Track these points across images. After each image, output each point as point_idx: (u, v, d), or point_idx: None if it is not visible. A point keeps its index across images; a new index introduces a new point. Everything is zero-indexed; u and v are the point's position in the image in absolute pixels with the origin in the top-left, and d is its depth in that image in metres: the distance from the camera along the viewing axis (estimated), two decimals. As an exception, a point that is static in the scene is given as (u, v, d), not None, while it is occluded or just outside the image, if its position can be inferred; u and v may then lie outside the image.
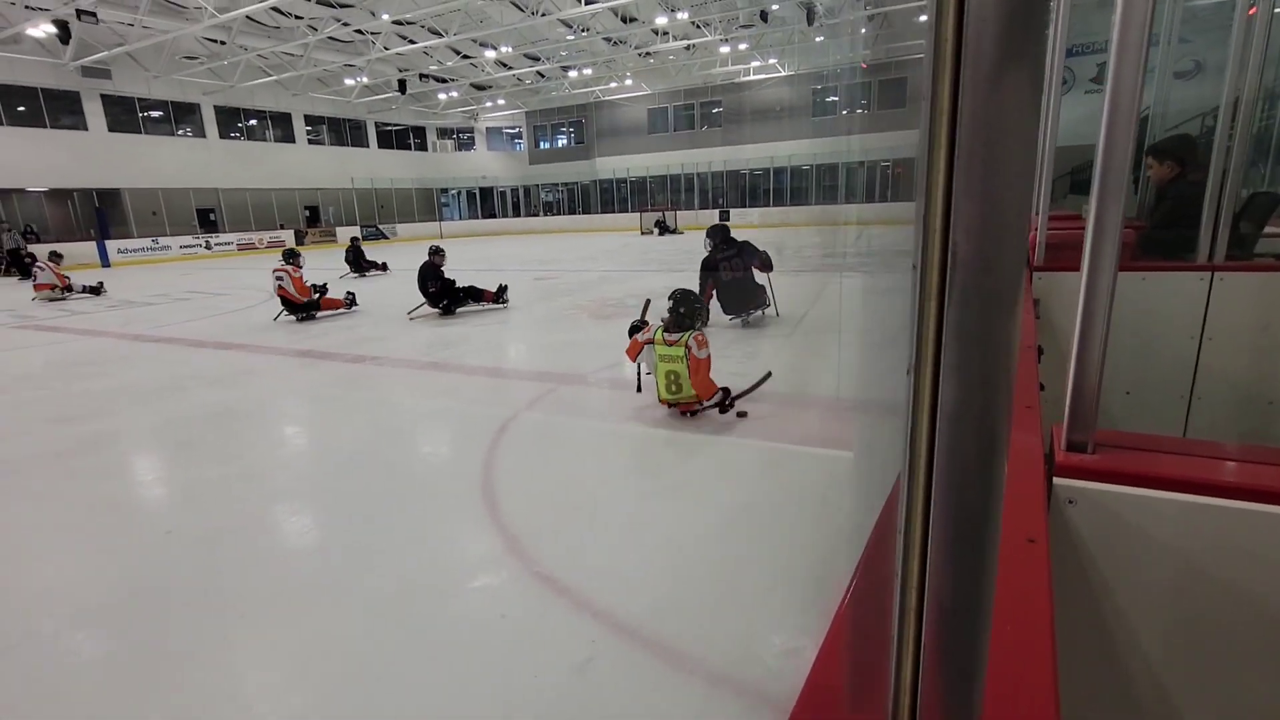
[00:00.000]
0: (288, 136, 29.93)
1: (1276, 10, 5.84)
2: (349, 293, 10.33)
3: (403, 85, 27.08)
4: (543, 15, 20.14)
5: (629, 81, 31.70)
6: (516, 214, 37.57)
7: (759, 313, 7.51)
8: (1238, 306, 2.96)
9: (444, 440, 4.59)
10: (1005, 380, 0.43)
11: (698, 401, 4.49)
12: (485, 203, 38.08)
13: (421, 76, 28.38)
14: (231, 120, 27.75)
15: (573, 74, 28.99)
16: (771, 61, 28.95)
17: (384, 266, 15.27)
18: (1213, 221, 3.10)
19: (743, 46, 26.09)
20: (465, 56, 25.82)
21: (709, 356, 4.44)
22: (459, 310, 9.57)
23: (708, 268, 7.54)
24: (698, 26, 23.61)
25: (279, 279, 9.19)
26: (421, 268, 9.30)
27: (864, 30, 25.45)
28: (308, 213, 30.82)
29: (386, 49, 22.92)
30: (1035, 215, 3.95)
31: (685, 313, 4.42)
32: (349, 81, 27.26)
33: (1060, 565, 1.02)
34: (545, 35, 24.36)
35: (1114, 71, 1.10)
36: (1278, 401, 2.93)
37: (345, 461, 4.17)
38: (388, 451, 4.32)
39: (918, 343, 0.44)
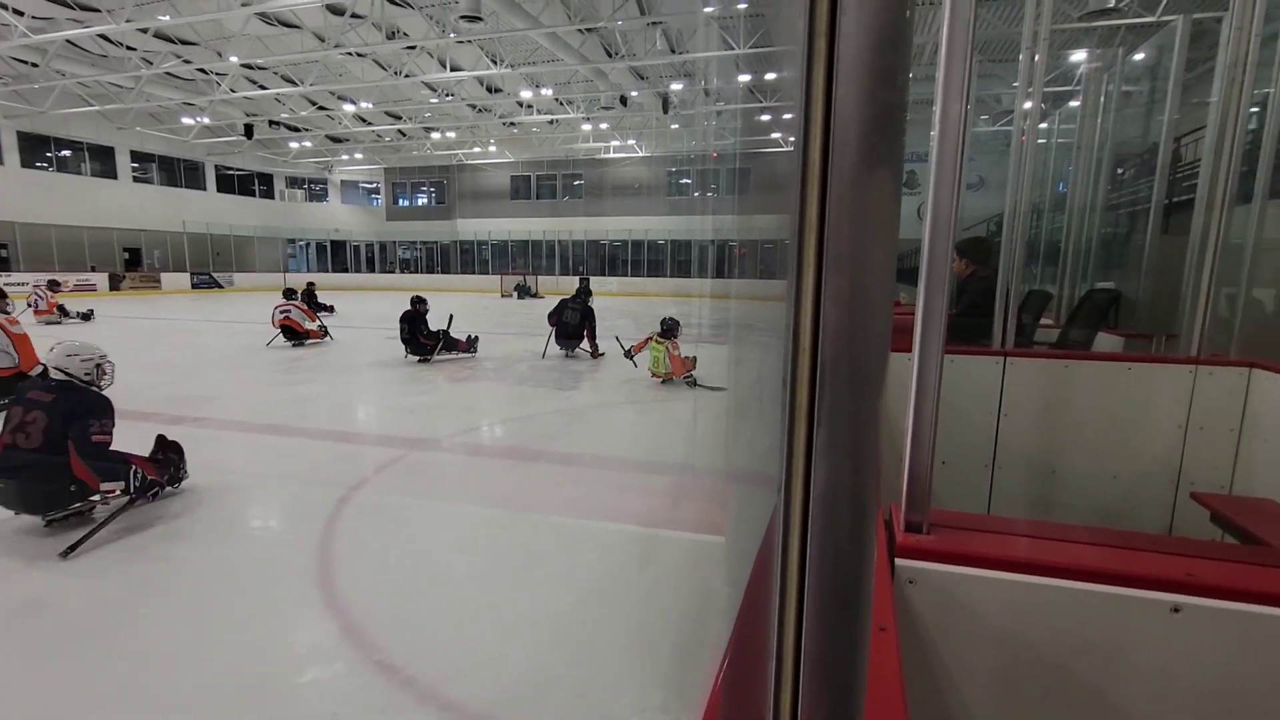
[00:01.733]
0: (109, 172, 26.91)
1: (1040, 141, 7.03)
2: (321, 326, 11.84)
3: (249, 130, 25.43)
4: (406, 76, 19.92)
5: (493, 148, 31.92)
6: (371, 269, 35.95)
7: (577, 350, 10.42)
8: (1025, 388, 3.37)
9: (275, 513, 4.11)
10: (873, 456, 0.44)
11: (672, 376, 7.99)
12: (337, 256, 36.16)
13: (272, 123, 26.85)
14: (39, 149, 24.55)
15: (435, 135, 28.72)
16: (631, 142, 30.44)
17: (331, 309, 17.25)
18: (1003, 314, 3.54)
19: (604, 126, 27.27)
20: (321, 108, 24.80)
21: (679, 353, 8.01)
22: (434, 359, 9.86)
23: (556, 310, 10.48)
24: (561, 103, 24.41)
25: (285, 313, 11.16)
26: (406, 315, 9.73)
27: (713, 123, 27.57)
28: (127, 255, 27.60)
29: (233, 91, 21.52)
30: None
31: (669, 328, 8.16)
32: (187, 120, 25.17)
33: (904, 645, 1.03)
34: (408, 95, 24.06)
35: (935, 180, 1.21)
36: (1060, 471, 3.34)
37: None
38: (205, 528, 3.78)
39: (790, 423, 0.45)
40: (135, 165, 27.99)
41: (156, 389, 7.55)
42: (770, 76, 19.12)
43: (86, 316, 14.69)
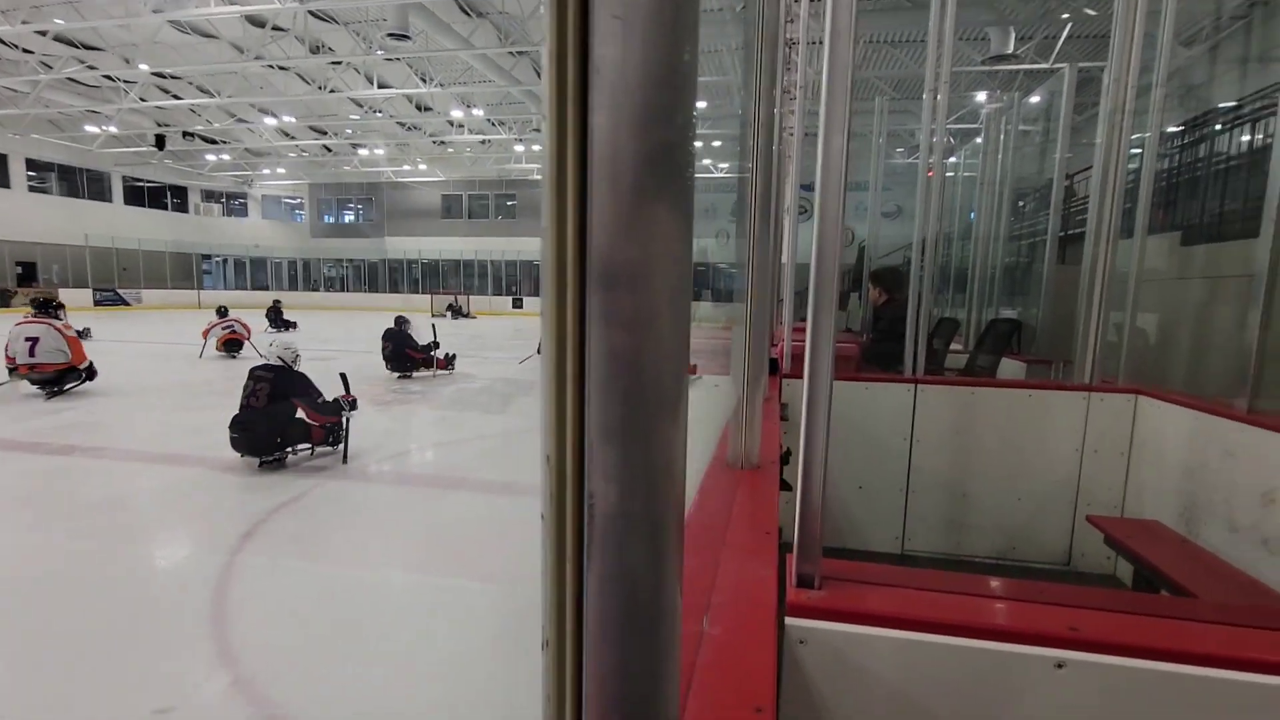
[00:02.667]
0: (0, 181, 24.95)
1: (948, 174, 7.40)
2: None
3: (160, 141, 24.10)
4: (331, 91, 19.34)
5: (423, 166, 31.33)
6: (294, 287, 34.51)
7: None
8: (935, 413, 3.47)
9: (166, 552, 3.79)
10: (673, 479, 0.43)
11: None
12: (257, 273, 34.60)
13: (186, 134, 25.52)
14: (-86, 154, 22.56)
15: (363, 151, 27.98)
16: (565, 163, 30.44)
17: (294, 325, 18.30)
18: (914, 341, 3.65)
19: (537, 148, 27.16)
20: (240, 120, 23.77)
21: None
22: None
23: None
24: (494, 124, 24.23)
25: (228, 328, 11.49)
26: (389, 333, 9.62)
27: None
28: (20, 269, 25.56)
29: (143, 100, 20.37)
30: (781, 324, 4.39)
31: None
32: (91, 129, 23.64)
33: (792, 708, 0.99)
34: (334, 110, 23.37)
35: (820, 209, 1.21)
36: (970, 494, 3.44)
37: (33, 587, 3.24)
38: (88, 569, 3.44)
39: (559, 447, 0.43)
40: (32, 174, 26.06)
41: (45, 416, 6.93)
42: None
43: None
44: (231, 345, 12.13)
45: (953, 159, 8.58)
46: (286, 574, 3.49)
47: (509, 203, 33.79)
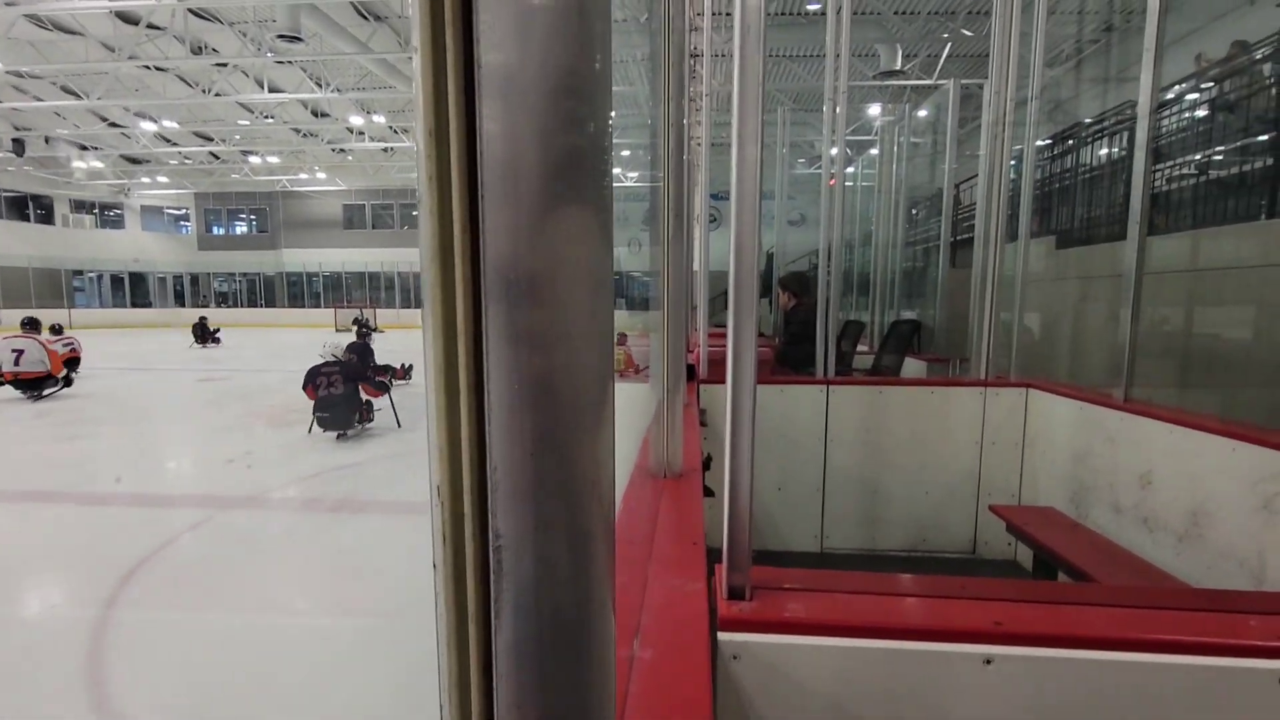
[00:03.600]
0: None
1: (848, 184, 7.73)
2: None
3: (19, 146, 21.87)
4: (216, 95, 18.14)
5: (321, 175, 29.90)
6: (180, 303, 32.10)
7: (359, 426, 7.24)
8: (847, 413, 3.58)
9: (38, 596, 3.38)
10: (597, 491, 0.39)
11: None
12: (137, 289, 31.94)
13: (48, 139, 23.28)
14: None
15: (255, 159, 26.41)
16: (474, 172, 29.86)
17: (219, 340, 18.88)
18: (824, 343, 3.75)
19: (445, 155, 26.50)
20: (114, 124, 21.90)
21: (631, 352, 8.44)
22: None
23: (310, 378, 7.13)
24: (396, 131, 23.45)
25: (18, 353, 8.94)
26: (355, 347, 8.16)
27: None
28: None
29: (-4, 101, 18.42)
30: (697, 330, 4.42)
31: (619, 337, 7.88)
32: (-68, 132, 21.16)
33: (729, 730, 0.96)
34: (220, 116, 21.94)
35: (736, 218, 1.21)
36: (880, 490, 3.56)
37: None
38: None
39: (452, 461, 0.39)
40: None
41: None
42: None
43: None
44: (23, 385, 9.15)
45: (851, 169, 8.98)
46: (171, 626, 3.18)
47: (414, 212, 32.65)
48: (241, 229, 33.88)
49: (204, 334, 19.79)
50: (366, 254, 31.83)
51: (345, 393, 6.79)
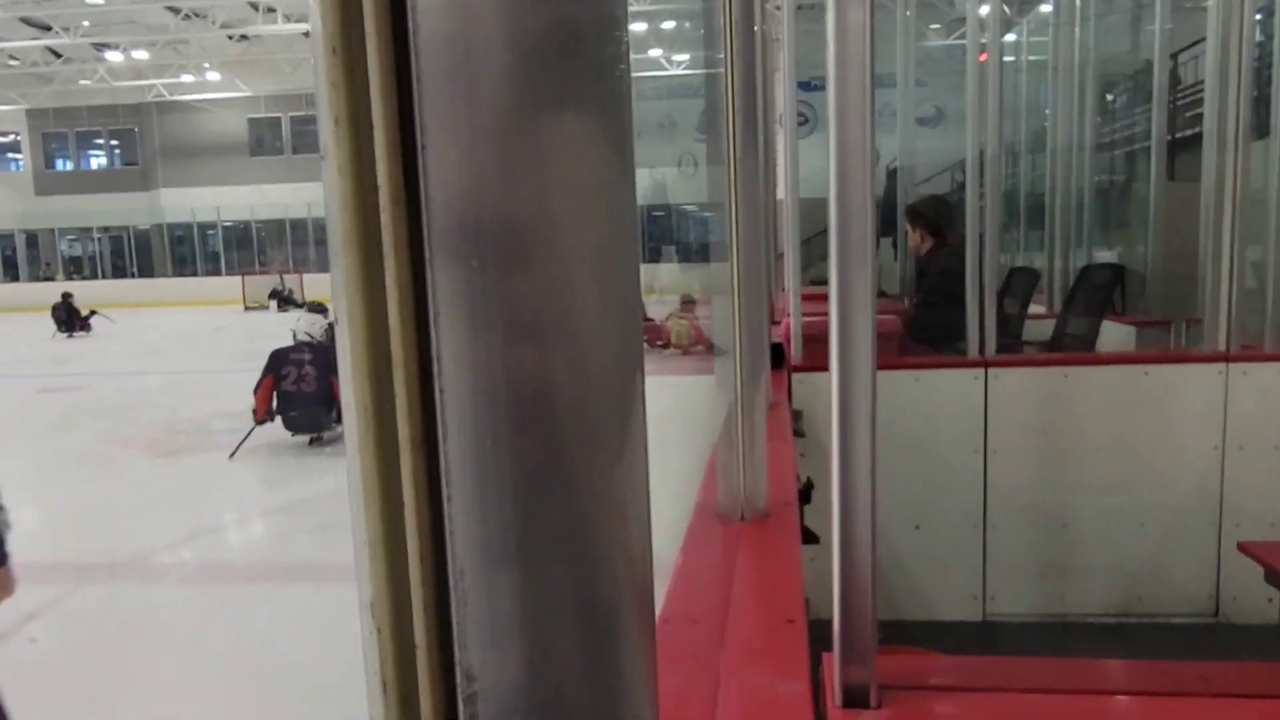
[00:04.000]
0: None
1: (1007, 59, 7.62)
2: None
3: None
4: (58, -37, 18.64)
5: (214, 76, 30.50)
6: (13, 277, 33.16)
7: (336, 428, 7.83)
8: (1015, 408, 3.57)
9: None
10: (625, 552, 0.38)
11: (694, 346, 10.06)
12: (-51, 257, 33.20)
13: None
14: None
15: (114, 55, 27.03)
16: (434, 62, 30.09)
17: (89, 326, 20.30)
18: (978, 304, 3.73)
19: (390, 39, 26.75)
20: (-92, 14, 22.69)
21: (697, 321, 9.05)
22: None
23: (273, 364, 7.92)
24: (321, 5, 23.74)
25: None
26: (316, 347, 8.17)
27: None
28: None
29: None
30: (784, 291, 4.44)
31: (687, 301, 9.98)
32: None
33: None
34: (64, -6, 22.52)
35: (836, 118, 1.22)
36: (1072, 524, 3.55)
37: None
38: None
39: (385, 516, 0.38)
40: None
41: None
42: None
43: None
44: None
45: (1011, 36, 8.80)
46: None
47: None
48: (98, 160, 34.71)
49: (70, 318, 20.37)
50: (285, 192, 32.30)
51: (319, 386, 7.50)
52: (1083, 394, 3.58)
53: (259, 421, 7.60)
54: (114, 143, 34.44)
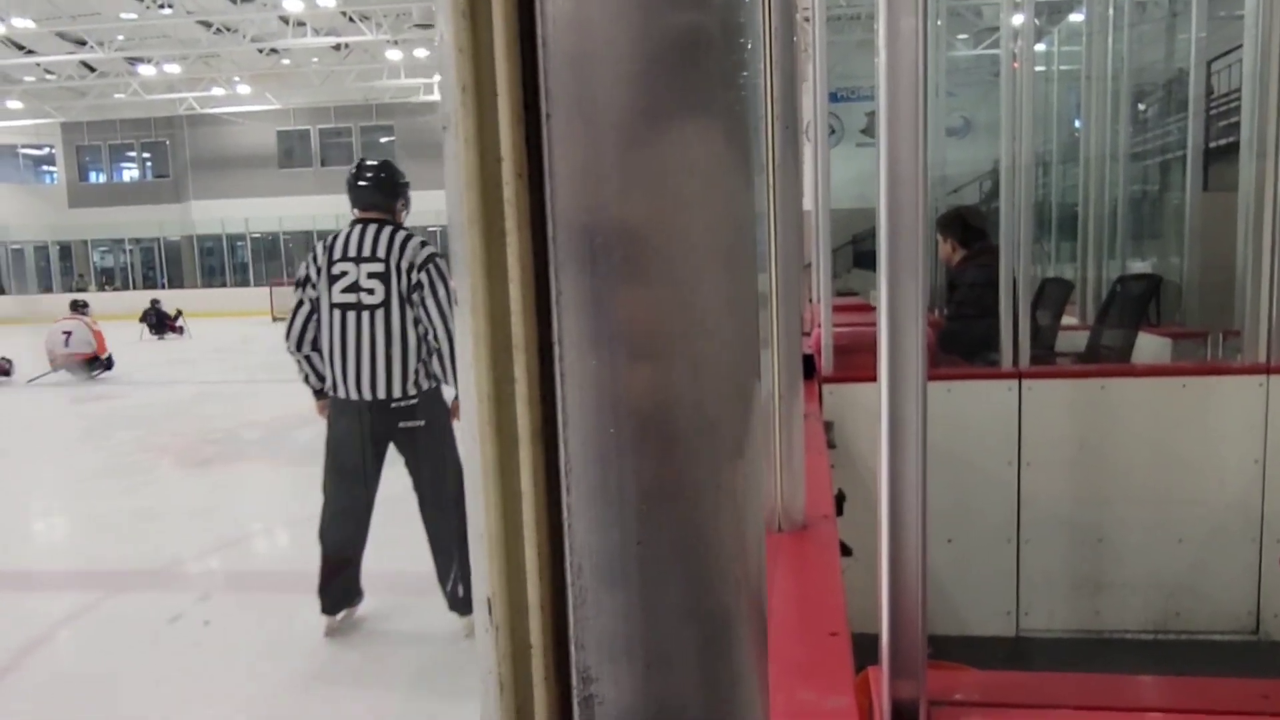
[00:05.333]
0: None
1: (1038, 69, 7.59)
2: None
3: None
4: (93, -22, 18.97)
5: (244, 89, 30.89)
6: (48, 287, 33.68)
7: None
8: (1050, 420, 3.54)
9: None
10: (740, 568, 0.37)
11: None
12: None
13: None
14: None
15: (146, 69, 27.45)
16: (462, 76, 30.29)
17: (180, 329, 21.50)
18: (1012, 315, 3.71)
19: (421, 54, 27.00)
20: (-53, 29, 23.17)
21: None
22: None
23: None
24: (351, 19, 24.03)
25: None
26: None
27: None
28: None
29: None
30: (815, 303, 4.43)
31: None
32: None
33: None
34: (96, 8, 22.92)
35: (886, 126, 1.22)
36: (1108, 538, 3.51)
37: None
38: None
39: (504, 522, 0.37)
40: None
41: None
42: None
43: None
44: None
45: (1041, 46, 8.75)
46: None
47: (384, 139, 33.49)
48: (131, 173, 35.24)
49: (160, 321, 21.75)
50: (313, 203, 32.61)
51: None
52: (1119, 406, 3.55)
53: None
54: (146, 155, 34.98)
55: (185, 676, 3.89)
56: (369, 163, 4.53)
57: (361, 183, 4.33)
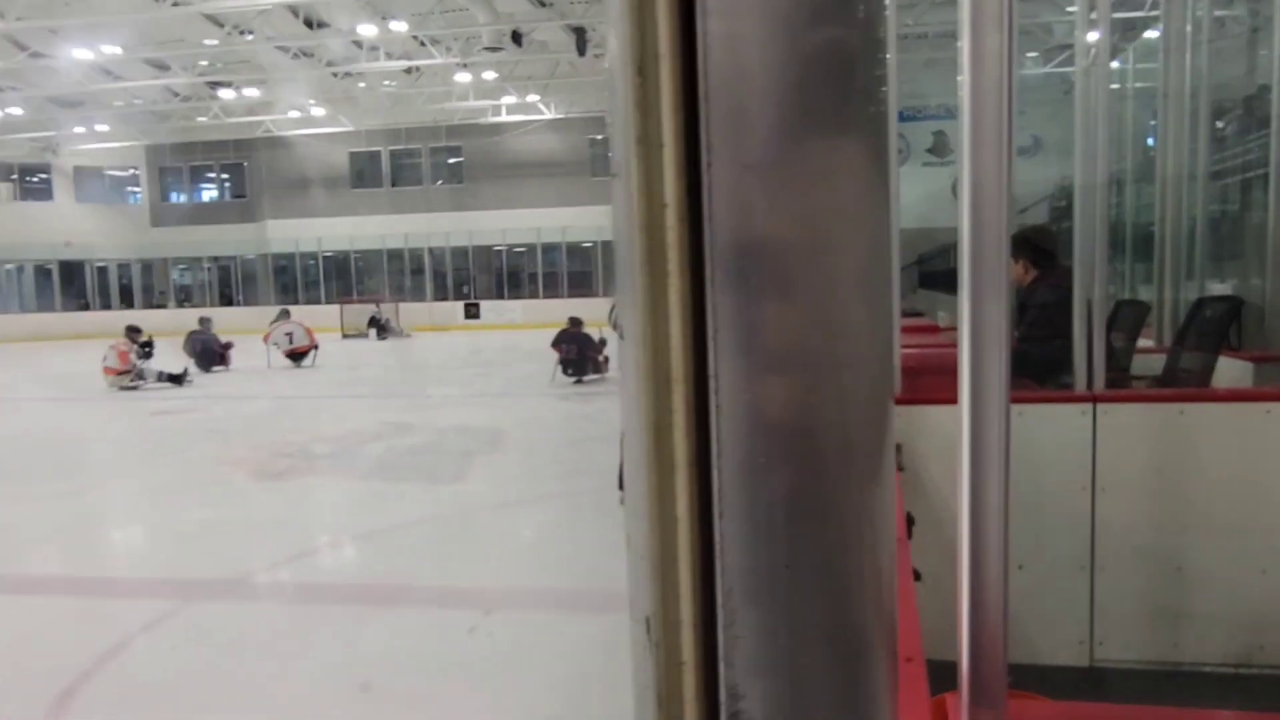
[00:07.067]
0: None
1: (1112, 86, 7.45)
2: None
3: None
4: (174, 4, 19.66)
5: (319, 111, 31.68)
6: (129, 304, 34.75)
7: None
8: (1127, 445, 3.46)
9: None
10: (876, 588, 0.40)
11: None
12: (71, 285, 34.89)
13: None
14: None
15: (226, 93, 28.32)
16: (532, 99, 30.72)
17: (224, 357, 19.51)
18: (1086, 338, 3.65)
19: (489, 75, 27.45)
20: (37, 54, 24.16)
21: None
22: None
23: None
24: (422, 43, 24.53)
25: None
26: (567, 335, 14.28)
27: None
28: None
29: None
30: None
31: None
32: None
33: None
34: (180, 34, 23.74)
35: (971, 144, 1.21)
36: (1187, 567, 3.42)
37: None
38: None
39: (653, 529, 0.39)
40: None
41: None
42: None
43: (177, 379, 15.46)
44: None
45: (1116, 64, 8.60)
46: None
47: (452, 159, 34.09)
48: (209, 194, 36.26)
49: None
50: (384, 223, 33.28)
51: (580, 355, 13.69)
52: (1199, 431, 3.47)
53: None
54: (224, 176, 36.02)
55: (254, 686, 3.98)
56: None
57: None
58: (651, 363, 0.38)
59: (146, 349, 15.53)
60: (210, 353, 18.16)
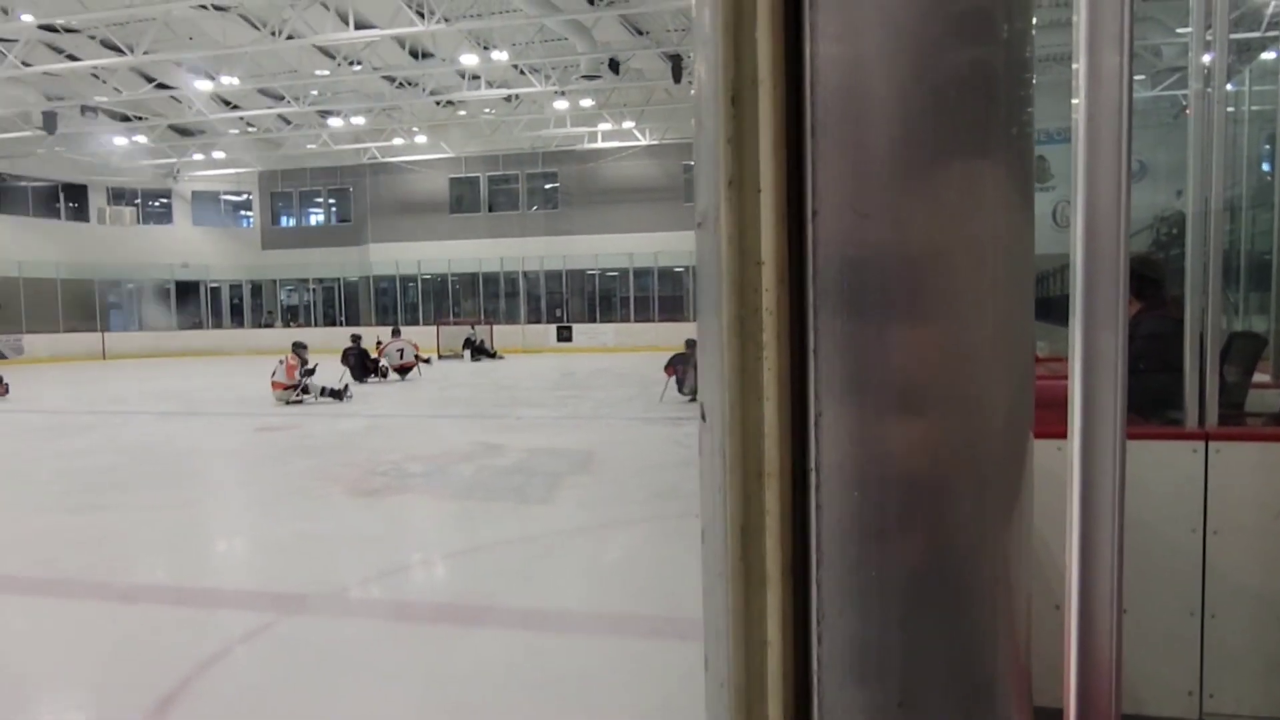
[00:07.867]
0: None
1: (1228, 109, 7.15)
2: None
3: (50, 120, 25.99)
4: (289, 38, 20.51)
5: (421, 138, 32.59)
6: (239, 323, 36.14)
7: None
8: (1242, 485, 3.30)
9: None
10: (1006, 626, 0.41)
11: None
12: (186, 304, 36.45)
13: (86, 109, 27.37)
14: None
15: (335, 122, 29.37)
16: (628, 125, 31.09)
17: (384, 373, 20.93)
18: (1198, 371, 3.49)
19: (586, 103, 27.88)
20: (162, 86, 25.46)
21: None
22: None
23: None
24: (522, 71, 25.07)
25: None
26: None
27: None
28: None
29: (25, 65, 22.00)
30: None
31: None
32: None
33: None
34: (293, 66, 24.74)
35: (1085, 169, 1.16)
36: (1306, 617, 3.23)
37: None
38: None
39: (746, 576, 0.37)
40: None
41: None
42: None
43: (338, 394, 16.34)
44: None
45: (1230, 86, 8.27)
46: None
47: (548, 185, 34.71)
48: (317, 218, 37.57)
49: (363, 362, 23.39)
50: (480, 247, 33.97)
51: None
52: (1322, 473, 3.28)
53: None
54: (331, 201, 37.34)
55: (346, 700, 4.04)
56: None
57: None
58: (740, 453, 0.34)
59: (309, 367, 16.18)
60: (363, 367, 19.82)
